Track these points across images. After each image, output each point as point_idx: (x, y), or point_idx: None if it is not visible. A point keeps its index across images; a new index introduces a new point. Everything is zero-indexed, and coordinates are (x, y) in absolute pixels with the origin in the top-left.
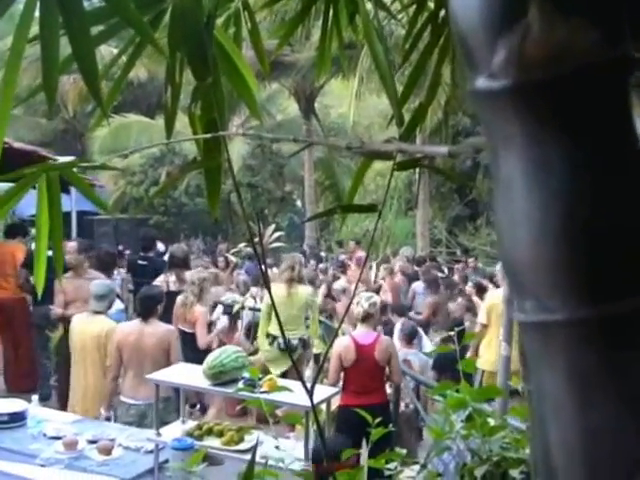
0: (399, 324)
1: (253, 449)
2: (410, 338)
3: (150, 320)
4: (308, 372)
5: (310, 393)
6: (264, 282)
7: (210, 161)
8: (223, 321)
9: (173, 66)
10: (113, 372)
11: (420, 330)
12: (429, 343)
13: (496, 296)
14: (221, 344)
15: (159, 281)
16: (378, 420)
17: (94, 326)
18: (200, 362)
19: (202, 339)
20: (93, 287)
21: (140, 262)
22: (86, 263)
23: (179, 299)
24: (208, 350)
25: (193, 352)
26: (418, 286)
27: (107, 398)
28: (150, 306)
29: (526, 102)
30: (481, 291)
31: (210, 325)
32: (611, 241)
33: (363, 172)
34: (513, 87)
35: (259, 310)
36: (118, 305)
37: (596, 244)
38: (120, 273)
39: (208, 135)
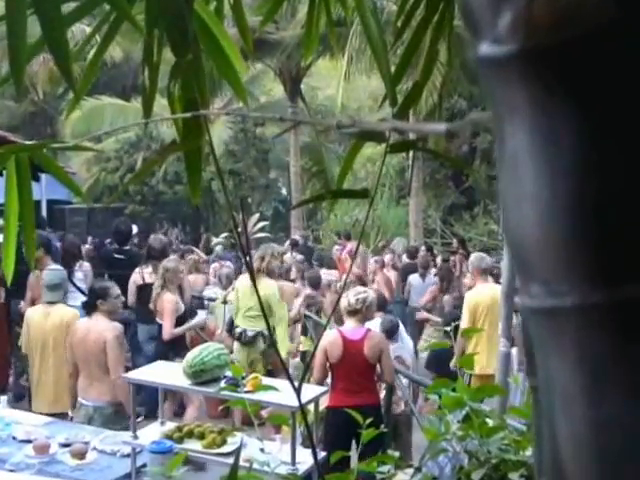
0: (378, 319)
1: (236, 452)
2: (391, 333)
3: (93, 315)
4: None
5: (298, 392)
6: (249, 274)
7: (190, 144)
8: (200, 316)
9: (151, 43)
10: (69, 368)
11: (401, 325)
12: (408, 339)
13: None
14: (194, 341)
15: (134, 273)
16: (369, 421)
17: (53, 317)
18: (166, 357)
19: (166, 330)
20: (45, 277)
21: (116, 255)
22: (47, 257)
23: (154, 291)
24: (181, 345)
25: (162, 345)
26: (414, 279)
27: (70, 396)
28: (91, 300)
29: (533, 69)
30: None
31: (185, 317)
32: (626, 219)
33: (354, 155)
34: (519, 52)
35: None
36: (79, 300)
37: (609, 223)
38: (82, 266)
39: (187, 114)
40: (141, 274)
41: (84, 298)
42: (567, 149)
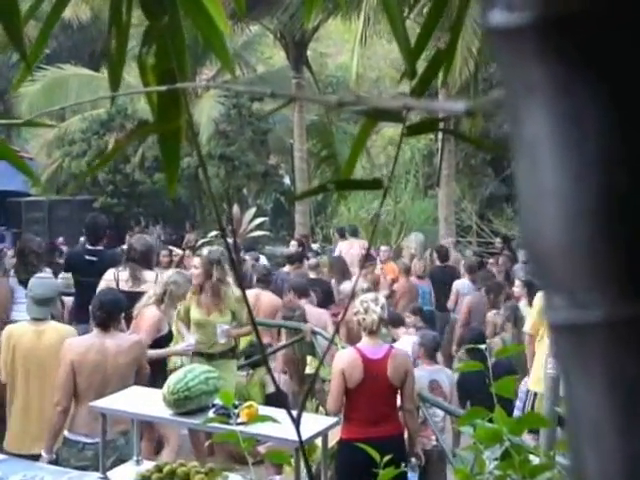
0: (416, 335)
1: None
2: (432, 353)
3: (112, 332)
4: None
5: (297, 423)
6: (237, 281)
7: (167, 124)
8: (188, 338)
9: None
10: (64, 402)
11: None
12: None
13: None
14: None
15: (106, 279)
16: (389, 457)
17: (49, 335)
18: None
19: None
20: (33, 287)
21: (88, 257)
22: None
23: (140, 303)
24: (158, 371)
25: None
26: (463, 285)
27: (54, 436)
28: (113, 313)
29: (553, 40)
30: (533, 293)
31: (168, 338)
32: None
33: (364, 137)
34: (537, 21)
35: None
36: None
37: None
38: (45, 272)
39: (162, 88)
40: (116, 279)
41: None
42: (594, 135)
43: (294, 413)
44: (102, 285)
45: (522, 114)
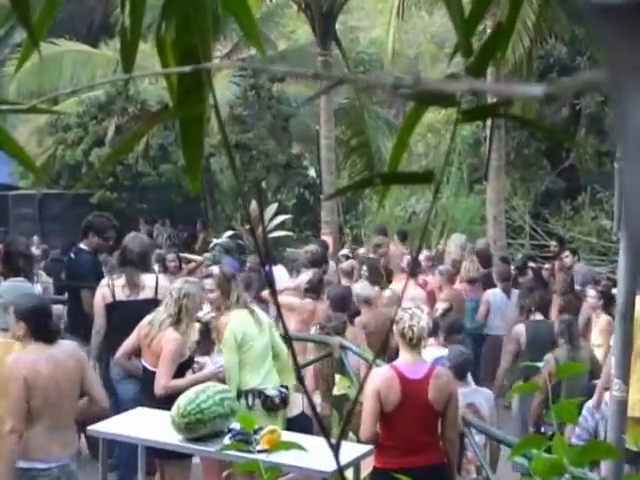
0: (439, 348)
1: None
2: (461, 372)
3: (57, 342)
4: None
5: (336, 451)
6: (269, 287)
7: (189, 108)
8: (215, 360)
9: None
10: (19, 426)
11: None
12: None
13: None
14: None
15: (101, 286)
16: None
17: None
18: (149, 404)
19: (160, 382)
20: (3, 293)
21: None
22: None
23: (147, 319)
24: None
25: (153, 400)
26: (495, 295)
27: (11, 469)
28: (49, 323)
29: None
30: (610, 303)
31: (187, 364)
32: None
33: (413, 124)
34: None
35: None
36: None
37: None
38: (40, 277)
39: (186, 68)
40: (111, 288)
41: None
42: None
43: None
44: (97, 295)
45: (629, 100)
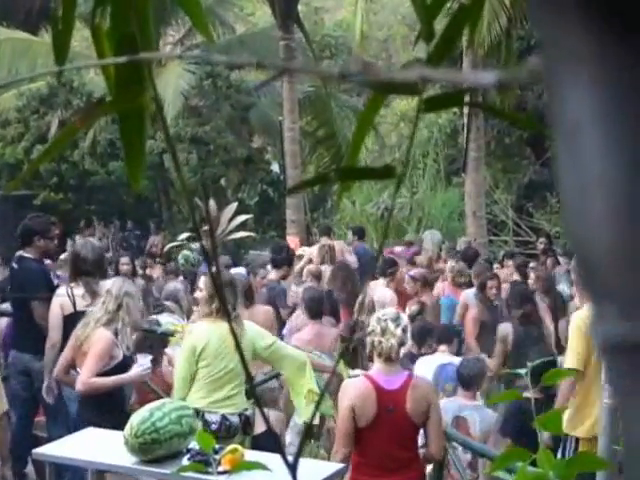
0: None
1: None
2: (470, 383)
3: None
4: None
5: (293, 471)
6: (219, 301)
7: (128, 101)
8: (142, 361)
9: None
10: None
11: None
12: None
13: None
14: (142, 395)
15: (59, 294)
16: None
17: None
18: (97, 423)
19: (82, 376)
20: None
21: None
22: None
23: (81, 322)
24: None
25: (89, 406)
26: (469, 299)
27: None
28: None
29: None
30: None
31: (123, 366)
32: None
33: (371, 114)
34: None
35: None
36: None
37: None
38: None
39: (122, 59)
40: (72, 297)
41: None
42: None
43: (289, 458)
44: (54, 305)
45: (565, 90)
